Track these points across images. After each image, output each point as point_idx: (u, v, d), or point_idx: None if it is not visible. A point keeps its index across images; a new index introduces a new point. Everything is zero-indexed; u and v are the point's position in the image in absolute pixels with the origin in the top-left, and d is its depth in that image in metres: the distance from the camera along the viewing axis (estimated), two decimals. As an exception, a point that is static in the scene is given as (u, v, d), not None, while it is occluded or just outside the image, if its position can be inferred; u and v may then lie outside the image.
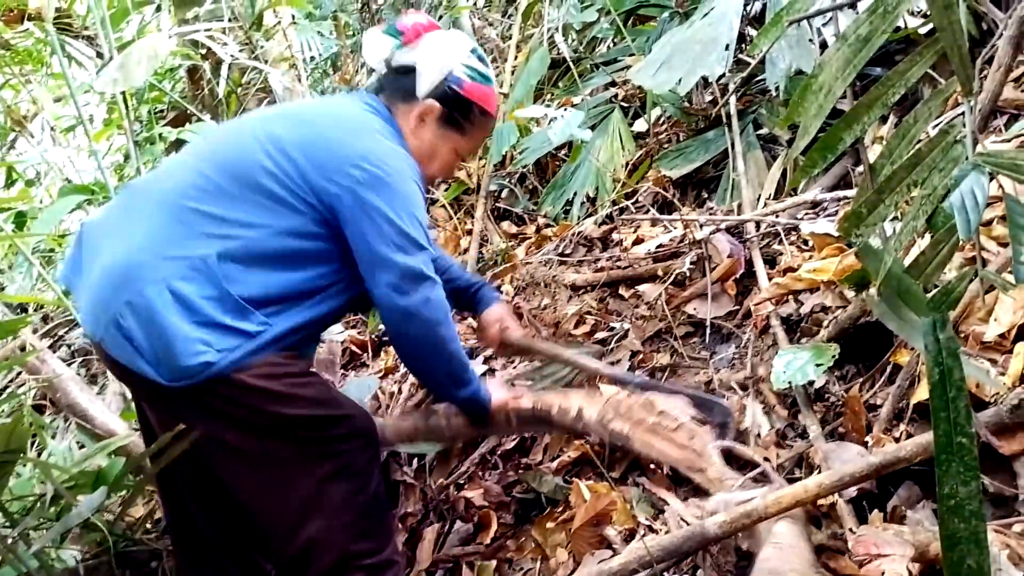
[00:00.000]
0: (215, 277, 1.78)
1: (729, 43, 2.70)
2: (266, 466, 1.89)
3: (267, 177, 1.85)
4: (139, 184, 2.03)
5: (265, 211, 1.85)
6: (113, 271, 1.81)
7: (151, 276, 1.76)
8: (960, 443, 1.21)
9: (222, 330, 1.76)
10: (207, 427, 1.88)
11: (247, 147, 1.91)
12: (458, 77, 2.08)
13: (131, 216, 1.91)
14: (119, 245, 1.85)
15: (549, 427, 2.41)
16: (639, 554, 1.76)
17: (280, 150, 1.88)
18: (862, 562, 1.54)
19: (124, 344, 1.77)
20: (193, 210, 1.84)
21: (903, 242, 1.41)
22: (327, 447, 1.92)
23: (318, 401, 1.91)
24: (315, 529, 1.89)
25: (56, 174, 5.17)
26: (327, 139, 1.91)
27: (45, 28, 3.67)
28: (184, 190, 1.88)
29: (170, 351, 1.73)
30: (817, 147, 1.60)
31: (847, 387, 2.23)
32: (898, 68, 1.43)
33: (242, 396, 1.80)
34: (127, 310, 1.76)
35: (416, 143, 2.08)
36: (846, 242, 2.31)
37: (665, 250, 3.07)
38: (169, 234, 1.82)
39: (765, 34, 1.68)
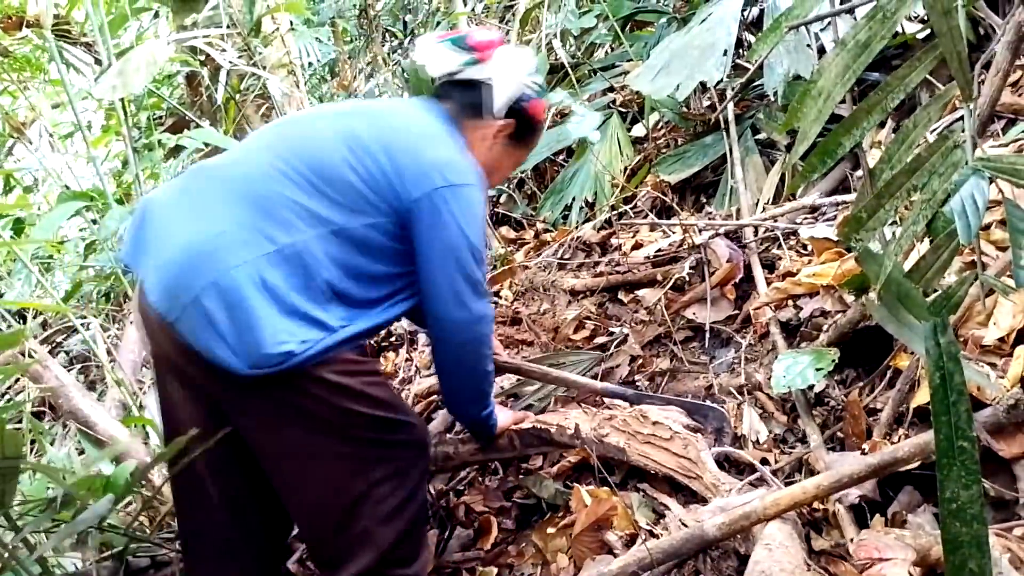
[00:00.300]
0: (303, 266, 1.76)
1: (727, 48, 2.70)
2: (323, 461, 1.87)
3: (352, 174, 1.84)
4: (209, 167, 1.96)
5: (350, 207, 1.83)
6: (196, 251, 1.76)
7: (238, 259, 1.72)
8: (961, 447, 1.22)
9: (307, 321, 1.75)
10: (273, 417, 1.84)
11: (328, 142, 1.89)
12: (528, 95, 2.11)
13: (207, 198, 1.86)
14: (200, 226, 1.79)
15: (549, 445, 2.43)
16: (639, 556, 1.76)
17: (362, 148, 1.87)
18: (864, 566, 1.54)
19: (204, 327, 1.72)
20: (280, 197, 1.81)
21: (903, 246, 1.42)
22: (387, 451, 1.93)
23: (387, 403, 1.92)
24: (360, 531, 1.89)
25: (54, 180, 5.17)
26: (408, 144, 1.91)
27: (44, 35, 3.67)
28: (269, 175, 1.84)
29: (254, 337, 1.69)
30: (816, 152, 1.60)
31: (847, 391, 2.23)
32: (897, 73, 1.44)
33: (315, 388, 1.79)
34: (211, 291, 1.71)
35: (481, 157, 2.08)
36: (845, 247, 2.31)
37: (664, 255, 3.07)
38: (257, 219, 1.78)
39: (764, 40, 1.69)
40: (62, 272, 5.01)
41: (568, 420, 2.39)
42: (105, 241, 3.76)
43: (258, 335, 1.69)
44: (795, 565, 1.57)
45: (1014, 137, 2.44)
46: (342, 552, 1.92)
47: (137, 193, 3.93)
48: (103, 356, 3.76)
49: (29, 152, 5.16)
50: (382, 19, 6.71)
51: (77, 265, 4.56)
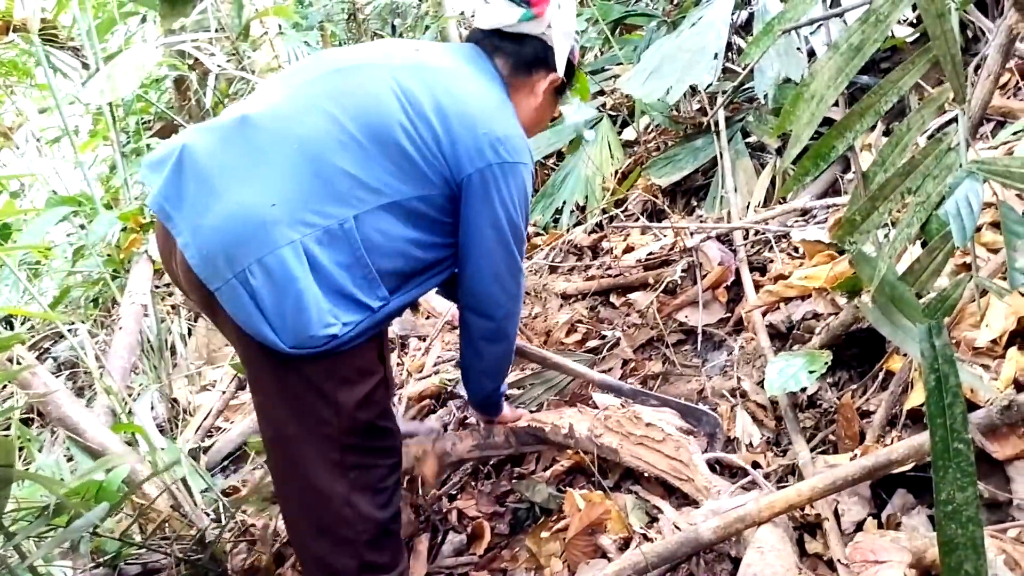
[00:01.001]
0: (351, 243, 1.73)
1: (718, 52, 2.71)
2: (309, 459, 1.90)
3: (407, 140, 1.78)
4: (255, 119, 1.78)
5: (400, 176, 1.79)
6: (245, 222, 1.68)
7: (289, 237, 1.67)
8: (957, 449, 1.22)
9: (351, 302, 1.74)
10: (280, 397, 1.86)
11: (384, 103, 1.80)
12: (574, 47, 2.11)
13: (257, 158, 1.74)
14: (249, 193, 1.70)
15: (544, 444, 2.46)
16: (634, 560, 1.76)
17: (419, 113, 1.81)
18: (859, 570, 1.54)
19: (247, 303, 1.69)
20: (332, 166, 1.73)
21: (897, 249, 1.42)
22: (370, 456, 1.94)
23: (384, 411, 1.96)
24: (340, 535, 1.92)
25: (41, 186, 5.14)
26: (466, 114, 1.84)
27: (31, 39, 3.65)
28: (323, 141, 1.75)
29: (300, 319, 1.68)
30: (809, 155, 1.60)
31: (839, 394, 2.24)
32: (890, 76, 1.44)
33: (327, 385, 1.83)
34: (258, 269, 1.66)
35: (528, 112, 2.08)
36: (837, 249, 2.32)
37: (655, 258, 3.07)
38: (308, 192, 1.71)
39: (756, 43, 1.68)
40: (50, 278, 4.98)
41: (563, 420, 2.40)
42: (94, 246, 3.74)
43: (306, 317, 1.68)
44: (787, 568, 1.58)
45: (1003, 140, 2.45)
46: (323, 555, 1.95)
47: (126, 198, 3.91)
48: (91, 362, 3.74)
49: (16, 157, 5.14)
50: (371, 23, 6.70)
51: (65, 271, 4.52)
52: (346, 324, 1.73)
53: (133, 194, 4.08)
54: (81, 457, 2.48)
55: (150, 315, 3.76)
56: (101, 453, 2.48)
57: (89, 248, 3.80)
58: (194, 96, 4.89)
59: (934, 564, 1.55)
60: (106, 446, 2.50)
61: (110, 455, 2.43)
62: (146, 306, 3.65)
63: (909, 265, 1.43)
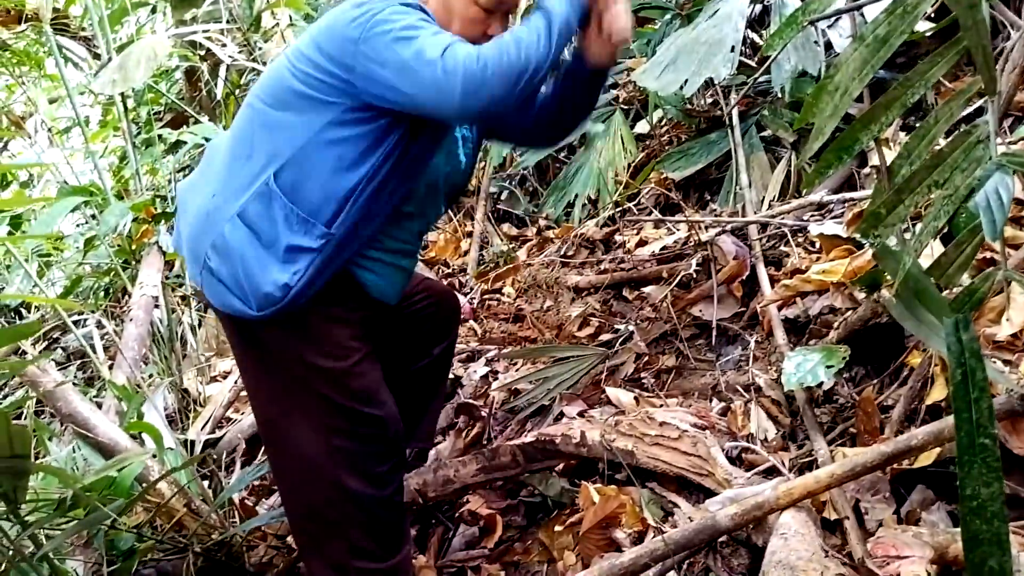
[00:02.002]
0: (278, 197, 1.80)
1: (735, 44, 2.69)
2: (298, 437, 1.95)
3: (294, 79, 1.81)
4: (213, 142, 2.08)
5: (303, 115, 1.81)
6: (197, 220, 1.91)
7: (226, 214, 1.83)
8: (983, 444, 1.21)
9: (293, 252, 1.79)
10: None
11: (277, 63, 1.90)
12: None
13: (208, 168, 2.01)
14: (199, 196, 1.95)
15: (555, 458, 2.42)
16: (652, 548, 1.75)
17: (297, 51, 1.84)
18: (881, 564, 1.53)
19: (214, 283, 1.86)
20: (246, 141, 1.88)
21: (923, 242, 1.40)
22: (355, 442, 1.95)
23: (362, 395, 1.95)
24: (330, 519, 1.96)
25: (52, 176, 5.13)
26: (328, 18, 1.82)
27: (43, 29, 3.65)
28: (240, 127, 1.92)
29: (253, 281, 1.80)
30: (832, 148, 1.58)
31: (856, 389, 2.23)
32: (918, 68, 1.42)
33: (297, 366, 1.90)
34: (212, 252, 1.85)
35: (432, 7, 1.86)
36: (855, 243, 2.30)
37: (669, 252, 3.06)
38: (234, 171, 1.88)
39: (780, 34, 1.67)
40: (60, 269, 4.98)
41: (573, 429, 2.38)
42: (105, 237, 3.74)
43: (257, 279, 1.80)
44: (812, 552, 1.57)
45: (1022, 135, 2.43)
46: (315, 537, 2.00)
47: (137, 188, 3.91)
48: (100, 354, 3.75)
49: (27, 147, 5.13)
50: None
51: (76, 261, 4.52)
52: (295, 272, 1.79)
53: (144, 185, 4.08)
54: (89, 453, 2.48)
55: (160, 306, 3.76)
56: (111, 449, 2.49)
57: (100, 238, 3.79)
58: (205, 87, 4.88)
59: (956, 560, 1.54)
60: (117, 442, 2.50)
61: (125, 452, 2.44)
62: (157, 297, 3.65)
63: (936, 259, 1.42)
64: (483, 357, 3.29)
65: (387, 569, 2.03)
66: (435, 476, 2.53)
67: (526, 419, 2.80)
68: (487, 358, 3.27)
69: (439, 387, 2.63)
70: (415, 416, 2.46)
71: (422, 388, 2.50)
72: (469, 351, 3.40)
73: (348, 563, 1.97)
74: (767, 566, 1.56)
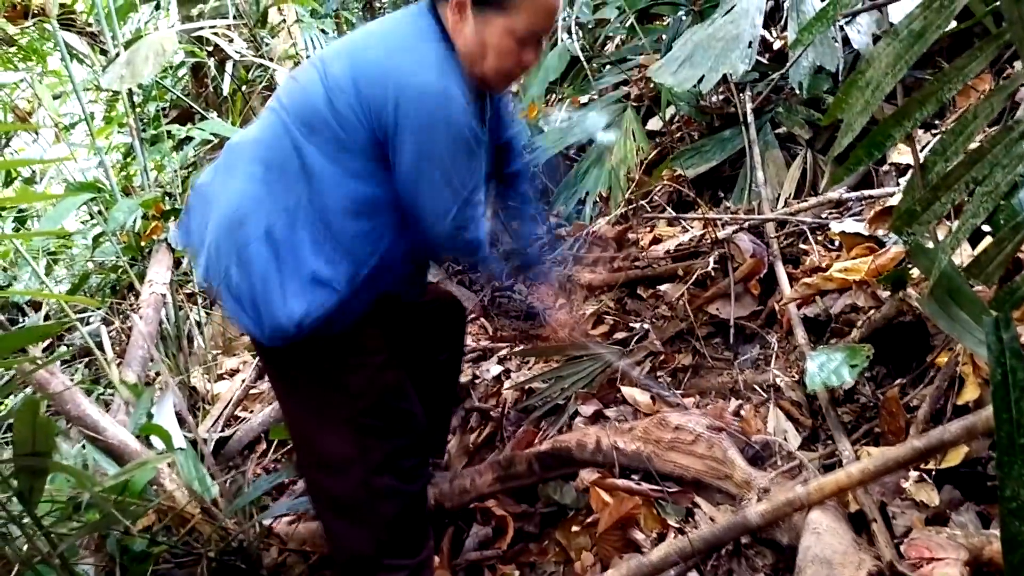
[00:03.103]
0: (306, 222, 1.78)
1: (752, 40, 2.66)
2: (325, 437, 1.96)
3: (330, 114, 1.79)
4: (235, 142, 2.01)
5: (336, 151, 1.80)
6: (220, 232, 1.85)
7: (253, 231, 1.79)
8: (1023, 445, 1.19)
9: (315, 285, 1.77)
10: (285, 385, 1.99)
11: (311, 89, 1.85)
12: None
13: (229, 175, 1.92)
14: (222, 205, 1.88)
15: (572, 465, 2.40)
16: (680, 545, 1.74)
17: (337, 86, 1.80)
18: (915, 565, 1.51)
19: (231, 302, 1.83)
20: (277, 158, 1.84)
21: (960, 240, 1.38)
22: (384, 440, 1.95)
23: (391, 391, 1.96)
24: (359, 514, 1.97)
25: (57, 172, 5.10)
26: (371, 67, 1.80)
27: (50, 24, 3.62)
28: (267, 140, 1.88)
29: (268, 306, 1.77)
30: (864, 144, 1.56)
31: (878, 389, 2.21)
32: (956, 63, 1.40)
33: (325, 364, 1.89)
34: (235, 267, 1.81)
35: (462, 43, 1.86)
36: (877, 242, 2.28)
37: (684, 250, 3.03)
38: (266, 182, 1.83)
39: (810, 29, 1.64)
40: (64, 267, 4.95)
41: (588, 436, 2.36)
42: (112, 234, 3.72)
43: (273, 307, 1.77)
44: (846, 547, 1.56)
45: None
46: (345, 535, 2.01)
47: (145, 184, 3.89)
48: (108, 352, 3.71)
49: (32, 143, 5.10)
50: (387, 11, 6.65)
51: (83, 258, 4.50)
52: (310, 309, 1.76)
53: (152, 181, 4.05)
54: (99, 455, 2.45)
55: (168, 304, 3.73)
56: (120, 451, 2.46)
57: (108, 235, 3.77)
58: (212, 83, 4.85)
59: (991, 562, 1.52)
60: (126, 445, 2.48)
61: (135, 454, 2.42)
62: (164, 295, 3.62)
63: (975, 256, 1.39)
64: (495, 356, 3.26)
65: (414, 565, 2.04)
66: (452, 486, 2.53)
67: (540, 418, 2.77)
68: (499, 356, 3.24)
69: (447, 396, 2.61)
70: None
71: (430, 397, 2.46)
72: (480, 349, 3.37)
73: (378, 560, 1.98)
74: (803, 562, 1.55)
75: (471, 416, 3.00)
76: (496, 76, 1.92)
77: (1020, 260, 1.97)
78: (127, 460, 2.44)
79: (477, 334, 3.50)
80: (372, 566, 1.98)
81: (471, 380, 3.16)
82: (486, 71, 1.89)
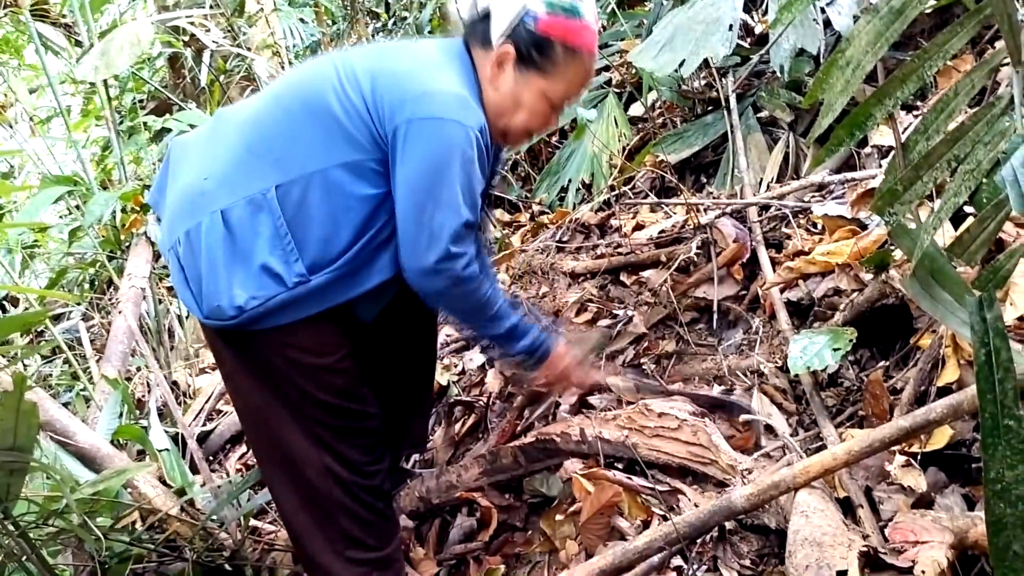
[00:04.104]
0: (272, 212, 1.74)
1: (733, 23, 2.64)
2: (279, 429, 1.91)
3: (336, 103, 1.77)
4: (228, 111, 1.98)
5: (328, 141, 1.76)
6: (183, 196, 1.83)
7: (210, 206, 1.76)
8: (1007, 426, 1.18)
9: (264, 275, 1.73)
10: (235, 371, 1.93)
11: (323, 74, 1.83)
12: (534, 13, 1.83)
13: (211, 142, 1.90)
14: (192, 170, 1.85)
15: (556, 456, 2.38)
16: (665, 531, 1.73)
17: (351, 78, 1.78)
18: (899, 550, 1.49)
19: (177, 273, 1.81)
20: (263, 140, 1.80)
21: (942, 219, 1.37)
22: (339, 437, 1.93)
23: (345, 392, 1.91)
24: (319, 510, 1.95)
25: (34, 166, 5.04)
26: (396, 73, 1.79)
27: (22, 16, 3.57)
28: (260, 119, 1.84)
29: (211, 288, 1.74)
30: (845, 124, 1.54)
31: (861, 372, 2.20)
32: (936, 40, 1.38)
33: (276, 359, 1.84)
34: (184, 239, 1.78)
35: (495, 94, 1.88)
36: (859, 224, 2.27)
37: (667, 236, 3.01)
38: (238, 165, 1.79)
39: (788, 8, 1.62)
40: (42, 262, 4.90)
41: (573, 427, 2.35)
42: (89, 227, 3.67)
43: (215, 287, 1.73)
44: (835, 528, 1.55)
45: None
46: (306, 529, 1.97)
47: (121, 177, 3.84)
48: (87, 347, 3.68)
49: (7, 139, 5.04)
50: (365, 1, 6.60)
51: (60, 252, 4.45)
52: (255, 297, 1.72)
53: (128, 173, 4.00)
54: (69, 460, 2.41)
55: (148, 298, 3.69)
56: (91, 455, 2.43)
57: (85, 229, 3.72)
58: (189, 74, 4.80)
59: (977, 544, 1.51)
60: (98, 448, 2.45)
61: (114, 459, 2.40)
62: (144, 289, 3.58)
63: (957, 236, 1.38)
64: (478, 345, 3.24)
65: (379, 559, 2.02)
66: (438, 483, 2.52)
67: (524, 406, 2.75)
68: (482, 345, 3.22)
69: (425, 389, 2.56)
70: (403, 421, 2.39)
71: (406, 391, 2.42)
72: (463, 340, 3.35)
73: (340, 552, 1.97)
74: (792, 545, 1.53)
75: (455, 407, 2.98)
76: (518, 132, 1.97)
77: (1002, 240, 1.96)
78: (99, 464, 2.41)
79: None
80: (334, 560, 1.95)
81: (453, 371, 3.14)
82: (512, 126, 1.93)
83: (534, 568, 2.29)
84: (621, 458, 2.30)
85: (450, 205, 1.76)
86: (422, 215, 1.75)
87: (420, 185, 1.75)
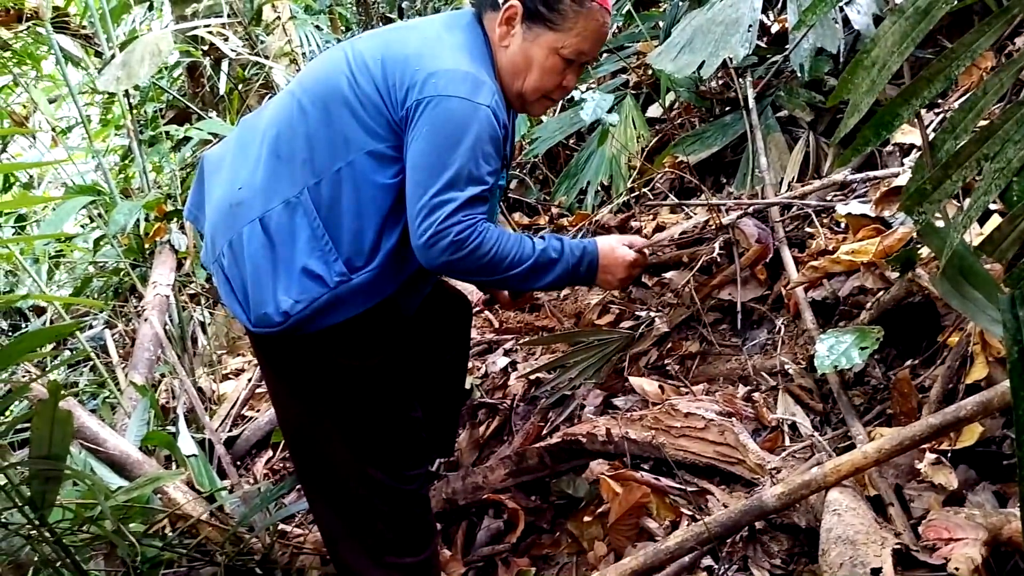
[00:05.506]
0: (307, 214, 1.75)
1: (752, 24, 2.64)
2: (320, 433, 1.95)
3: (350, 92, 1.78)
4: (250, 118, 2.02)
5: (349, 133, 1.78)
6: (220, 209, 1.86)
7: (248, 215, 1.78)
8: (1042, 424, 1.18)
9: (305, 277, 1.74)
10: (279, 378, 1.98)
11: (334, 66, 1.85)
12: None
13: (240, 152, 1.91)
14: (225, 182, 1.88)
15: (582, 456, 2.39)
16: (697, 531, 1.74)
17: (361, 65, 1.80)
18: (932, 547, 1.50)
19: (223, 284, 1.84)
20: (288, 143, 1.82)
21: (972, 218, 1.37)
22: (382, 440, 1.95)
23: (387, 394, 1.95)
24: (354, 513, 1.98)
25: (55, 177, 5.10)
26: (403, 55, 1.80)
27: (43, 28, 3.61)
28: (281, 121, 1.85)
29: (257, 293, 1.76)
30: (871, 124, 1.54)
31: (888, 370, 2.19)
32: (963, 40, 1.39)
33: (321, 362, 1.87)
34: (228, 249, 1.81)
35: (506, 56, 1.88)
36: (883, 222, 2.27)
37: (688, 237, 3.01)
38: (269, 172, 1.81)
39: (813, 9, 1.63)
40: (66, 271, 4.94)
41: (599, 427, 2.35)
42: (113, 236, 3.71)
43: (262, 294, 1.75)
44: (868, 525, 1.55)
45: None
46: (343, 535, 2.01)
47: (144, 186, 3.88)
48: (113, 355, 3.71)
49: (29, 148, 5.09)
50: (380, 6, 6.62)
51: (85, 261, 4.49)
52: (299, 301, 1.73)
53: (151, 182, 4.04)
54: (100, 467, 2.44)
55: (172, 305, 3.73)
56: (122, 462, 2.47)
57: (109, 238, 3.76)
58: (208, 83, 4.84)
59: (1011, 540, 1.51)
60: (128, 455, 2.48)
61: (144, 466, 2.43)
62: (168, 297, 3.62)
63: (988, 234, 1.38)
64: (501, 348, 3.25)
65: (416, 564, 2.03)
66: (464, 483, 2.55)
67: (548, 408, 2.76)
68: (505, 349, 3.23)
69: (455, 395, 2.58)
70: (433, 426, 2.40)
71: (437, 396, 2.44)
72: (486, 343, 3.36)
73: (378, 558, 1.97)
74: (826, 543, 1.54)
75: (479, 410, 2.99)
76: (534, 94, 1.94)
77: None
78: (129, 470, 2.45)
79: (482, 327, 3.49)
80: (371, 566, 1.97)
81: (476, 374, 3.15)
82: (526, 88, 1.91)
83: (562, 569, 2.30)
84: (648, 458, 2.31)
85: (452, 182, 1.73)
86: (423, 193, 1.73)
87: (421, 163, 1.74)
